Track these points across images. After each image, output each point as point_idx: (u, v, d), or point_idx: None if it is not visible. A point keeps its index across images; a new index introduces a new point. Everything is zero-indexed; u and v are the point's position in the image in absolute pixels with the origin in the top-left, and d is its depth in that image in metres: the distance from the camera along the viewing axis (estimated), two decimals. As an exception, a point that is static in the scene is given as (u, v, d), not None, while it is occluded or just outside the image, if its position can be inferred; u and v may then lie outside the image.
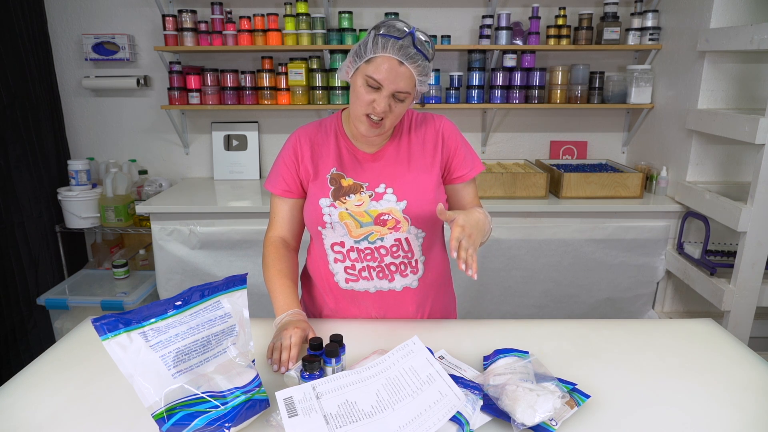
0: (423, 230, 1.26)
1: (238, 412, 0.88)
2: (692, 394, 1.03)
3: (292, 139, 1.29)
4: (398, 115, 1.19)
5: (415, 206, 1.22)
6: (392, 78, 1.12)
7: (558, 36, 2.68)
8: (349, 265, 1.28)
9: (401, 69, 1.12)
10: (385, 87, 1.12)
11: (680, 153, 2.46)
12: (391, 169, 1.25)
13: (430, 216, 1.24)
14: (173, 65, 2.72)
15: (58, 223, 2.73)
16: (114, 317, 0.84)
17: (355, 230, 1.23)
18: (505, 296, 2.58)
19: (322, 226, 1.24)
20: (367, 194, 1.23)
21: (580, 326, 1.30)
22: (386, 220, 1.22)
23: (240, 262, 2.49)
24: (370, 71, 1.12)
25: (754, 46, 1.89)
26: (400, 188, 1.23)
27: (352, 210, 1.22)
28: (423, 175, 1.25)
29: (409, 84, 1.14)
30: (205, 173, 3.05)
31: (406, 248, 1.26)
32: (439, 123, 1.29)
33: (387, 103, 1.14)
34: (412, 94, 1.17)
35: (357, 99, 1.16)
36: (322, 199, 1.23)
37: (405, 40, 1.11)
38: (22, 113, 2.52)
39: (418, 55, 1.12)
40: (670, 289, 2.61)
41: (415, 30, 1.13)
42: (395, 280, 1.29)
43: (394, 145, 1.27)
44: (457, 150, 1.28)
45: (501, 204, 2.47)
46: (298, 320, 1.17)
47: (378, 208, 1.22)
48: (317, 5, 2.77)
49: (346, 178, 1.25)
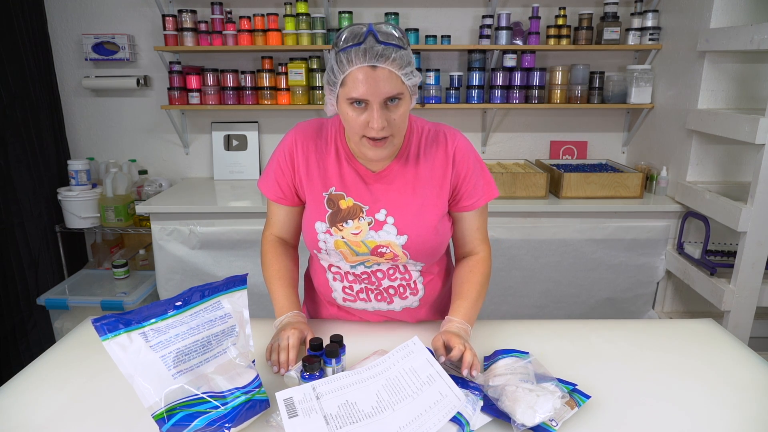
0: (422, 261, 1.20)
1: (238, 412, 0.88)
2: (692, 394, 1.03)
3: (288, 141, 1.18)
4: (401, 123, 1.05)
5: (415, 242, 1.14)
6: (373, 87, 0.98)
7: (558, 36, 2.67)
8: (347, 285, 1.25)
9: (377, 73, 0.98)
10: (372, 100, 1.00)
11: (680, 153, 2.46)
12: (396, 193, 1.14)
13: (430, 251, 1.17)
14: (173, 65, 2.72)
15: (58, 223, 2.73)
16: (114, 317, 0.84)
17: (351, 257, 1.18)
18: (505, 296, 2.58)
19: (317, 250, 1.19)
20: (366, 221, 1.14)
21: (580, 326, 1.30)
22: (384, 252, 1.15)
23: (240, 262, 2.49)
24: (349, 92, 1.00)
25: (754, 46, 1.89)
26: (402, 220, 1.13)
27: (348, 239, 1.14)
28: (428, 206, 1.14)
29: (395, 84, 1.00)
30: (205, 173, 3.05)
31: (402, 270, 1.21)
32: (452, 144, 1.16)
33: (382, 117, 1.01)
34: (405, 94, 1.03)
35: (350, 125, 1.04)
36: (318, 224, 1.15)
37: (366, 41, 0.98)
38: (22, 113, 2.52)
39: (388, 49, 0.98)
40: (670, 289, 2.61)
41: (372, 26, 1.00)
42: (394, 302, 1.25)
43: (401, 165, 1.15)
44: (467, 177, 1.15)
45: (501, 204, 2.47)
46: (297, 321, 1.16)
47: (376, 239, 1.14)
48: (317, 5, 2.77)
49: (345, 198, 1.15)
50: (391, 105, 1.02)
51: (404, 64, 1.01)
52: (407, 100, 1.05)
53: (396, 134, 1.06)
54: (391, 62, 0.99)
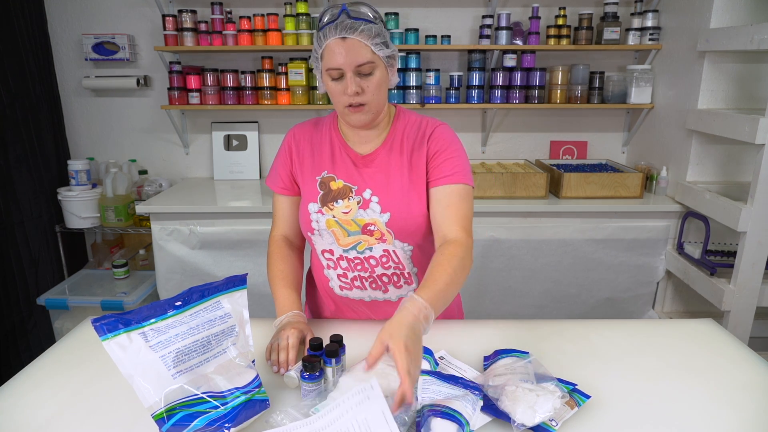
0: (409, 244, 1.23)
1: (238, 412, 0.88)
2: (692, 394, 1.03)
3: (288, 136, 1.30)
4: (376, 91, 1.14)
5: (398, 220, 1.19)
6: (344, 56, 1.09)
7: (558, 36, 2.67)
8: (341, 273, 1.27)
9: (347, 43, 1.09)
10: (345, 68, 1.10)
11: (680, 153, 2.46)
12: (381, 175, 1.22)
13: (414, 230, 1.21)
14: (173, 65, 2.72)
15: (58, 223, 2.73)
16: (114, 317, 0.84)
17: (343, 239, 1.22)
18: (505, 296, 2.58)
19: (310, 231, 1.24)
20: (355, 200, 1.21)
21: (580, 326, 1.30)
22: (372, 230, 1.21)
23: (240, 262, 2.49)
24: (327, 64, 1.12)
25: (754, 46, 1.89)
26: (385, 199, 1.20)
27: (339, 218, 1.21)
28: (409, 187, 1.20)
29: (365, 53, 1.10)
30: (205, 173, 3.05)
31: (395, 260, 1.24)
32: (431, 126, 1.24)
33: (355, 83, 1.11)
34: (376, 63, 1.12)
35: (332, 96, 1.16)
36: (311, 204, 1.23)
37: (339, 18, 1.10)
38: (22, 113, 2.52)
39: (358, 23, 1.09)
40: (670, 289, 2.61)
41: (346, 5, 1.12)
42: (389, 291, 1.28)
43: (387, 149, 1.23)
44: (438, 153, 1.20)
45: (501, 204, 2.47)
46: (297, 321, 1.16)
47: (365, 217, 1.20)
48: (317, 5, 2.77)
49: (336, 180, 1.23)
50: (364, 72, 1.12)
51: (372, 35, 1.11)
52: (381, 70, 1.14)
53: (371, 101, 1.15)
54: (359, 33, 1.09)
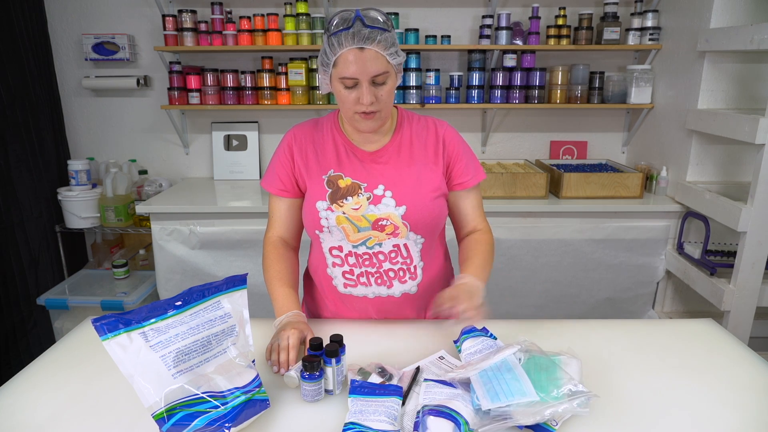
0: (422, 236, 1.24)
1: (239, 412, 0.88)
2: (692, 394, 1.03)
3: (287, 137, 1.28)
4: (388, 98, 1.16)
5: (414, 212, 1.20)
6: (361, 67, 1.09)
7: (558, 36, 2.67)
8: (348, 270, 1.26)
9: (365, 54, 1.09)
10: (361, 78, 1.11)
11: (680, 153, 2.46)
12: (392, 170, 1.22)
13: (430, 221, 1.22)
14: (173, 65, 2.72)
15: (58, 223, 2.73)
16: (114, 317, 0.84)
17: (353, 234, 1.22)
18: (505, 296, 2.58)
19: (319, 230, 1.23)
20: (365, 196, 1.20)
21: (580, 326, 1.30)
22: (384, 225, 1.20)
23: (240, 262, 2.49)
24: (341, 72, 1.11)
25: (754, 46, 1.89)
26: (400, 192, 1.20)
27: (349, 214, 1.20)
28: (424, 178, 1.22)
29: (381, 63, 1.11)
30: (205, 173, 3.05)
31: (405, 254, 1.24)
32: (441, 129, 1.27)
33: (371, 93, 1.12)
34: (390, 72, 1.14)
35: (343, 103, 1.15)
36: (319, 202, 1.22)
37: (355, 26, 1.09)
38: (22, 113, 2.52)
39: (374, 32, 1.09)
40: (670, 289, 2.61)
41: (360, 12, 1.11)
42: (393, 286, 1.27)
43: (395, 145, 1.25)
44: (459, 156, 1.26)
45: (501, 204, 2.47)
46: (297, 321, 1.16)
47: (376, 212, 1.20)
48: (317, 5, 2.77)
49: (344, 177, 1.22)
50: (379, 82, 1.13)
51: (389, 45, 1.12)
52: (393, 78, 1.16)
53: (383, 108, 1.17)
54: (377, 44, 1.10)
